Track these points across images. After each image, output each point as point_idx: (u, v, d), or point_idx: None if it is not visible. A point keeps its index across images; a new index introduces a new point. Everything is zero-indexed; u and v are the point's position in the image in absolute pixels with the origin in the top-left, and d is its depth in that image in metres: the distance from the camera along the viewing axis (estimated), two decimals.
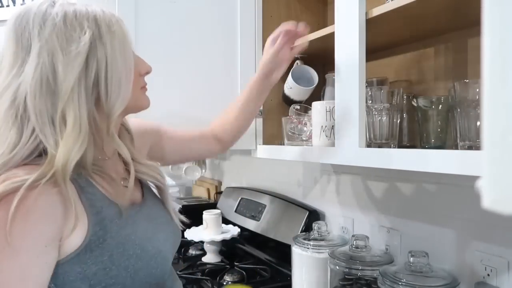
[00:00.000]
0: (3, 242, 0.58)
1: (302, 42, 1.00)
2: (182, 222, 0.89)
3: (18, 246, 0.59)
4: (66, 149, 0.64)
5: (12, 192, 0.59)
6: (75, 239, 0.65)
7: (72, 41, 0.66)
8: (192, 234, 1.63)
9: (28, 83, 0.64)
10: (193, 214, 1.54)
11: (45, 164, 0.63)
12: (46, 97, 0.65)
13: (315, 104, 1.05)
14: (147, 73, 0.81)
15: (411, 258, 0.90)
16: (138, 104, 0.80)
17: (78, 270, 0.65)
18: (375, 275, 0.96)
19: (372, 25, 0.88)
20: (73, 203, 0.64)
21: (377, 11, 0.85)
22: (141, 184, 0.86)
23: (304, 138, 1.16)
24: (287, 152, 1.18)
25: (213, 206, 1.96)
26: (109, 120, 0.71)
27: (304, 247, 1.16)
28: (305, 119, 1.16)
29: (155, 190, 0.88)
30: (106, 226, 0.68)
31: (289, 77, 1.22)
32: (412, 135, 1.00)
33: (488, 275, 0.89)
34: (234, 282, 1.41)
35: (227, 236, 1.61)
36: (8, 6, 2.16)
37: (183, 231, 1.48)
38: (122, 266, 0.68)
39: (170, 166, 2.06)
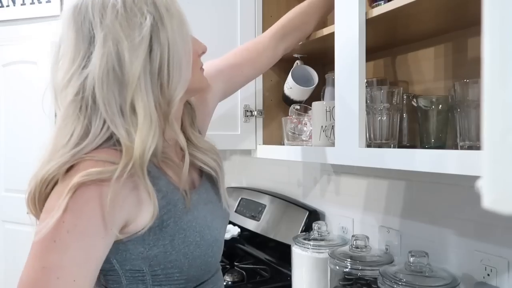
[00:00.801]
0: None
1: None
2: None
3: (90, 229, 0.60)
4: (142, 140, 0.64)
5: (94, 183, 0.60)
6: (142, 221, 0.65)
7: (135, 27, 0.64)
8: None
9: (95, 74, 0.63)
10: None
11: (123, 156, 0.63)
12: (113, 87, 0.64)
13: (315, 104, 1.05)
14: (203, 53, 0.79)
15: (411, 258, 0.90)
16: (201, 85, 0.78)
17: (140, 250, 0.67)
18: (375, 275, 0.96)
19: (372, 25, 0.88)
20: (149, 192, 0.64)
21: (377, 11, 0.85)
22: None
23: (304, 138, 1.16)
24: (287, 152, 1.18)
25: None
26: (170, 106, 0.69)
27: (304, 247, 1.16)
28: (305, 119, 1.16)
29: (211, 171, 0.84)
30: (170, 210, 0.69)
31: (289, 77, 1.22)
32: (412, 135, 1.00)
33: (488, 275, 0.89)
34: (234, 282, 1.41)
35: (227, 236, 1.61)
36: (8, 6, 2.16)
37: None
38: (181, 252, 0.69)
39: None
